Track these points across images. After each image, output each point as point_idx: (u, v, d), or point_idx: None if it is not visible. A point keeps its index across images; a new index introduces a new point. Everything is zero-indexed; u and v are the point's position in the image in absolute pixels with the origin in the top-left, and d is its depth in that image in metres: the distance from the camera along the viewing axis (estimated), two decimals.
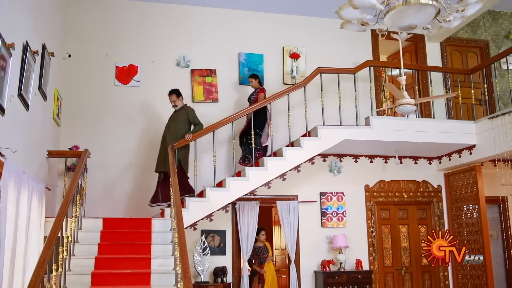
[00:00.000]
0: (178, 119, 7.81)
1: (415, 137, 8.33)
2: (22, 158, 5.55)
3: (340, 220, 8.96)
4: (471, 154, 8.67)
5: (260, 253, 8.77)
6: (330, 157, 9.15)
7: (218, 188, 7.57)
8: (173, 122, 7.84)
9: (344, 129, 8.12)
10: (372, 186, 9.30)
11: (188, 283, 4.14)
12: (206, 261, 8.02)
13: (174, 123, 7.82)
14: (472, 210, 8.85)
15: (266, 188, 8.50)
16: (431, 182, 9.58)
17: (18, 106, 5.46)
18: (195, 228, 8.18)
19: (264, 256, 8.74)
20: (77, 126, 8.28)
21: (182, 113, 7.84)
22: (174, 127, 7.76)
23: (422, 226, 9.49)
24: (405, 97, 6.84)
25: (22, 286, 5.01)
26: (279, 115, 8.29)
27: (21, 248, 5.11)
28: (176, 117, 7.86)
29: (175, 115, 7.91)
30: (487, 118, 8.40)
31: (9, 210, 4.67)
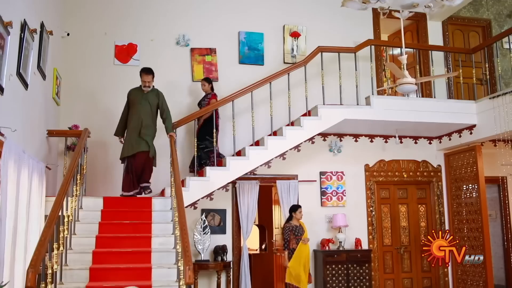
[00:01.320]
0: (151, 103, 7.30)
1: (415, 117, 8.31)
2: (22, 138, 5.54)
3: (339, 200, 9.00)
4: (472, 134, 8.67)
5: (297, 233, 7.76)
6: (330, 136, 9.14)
7: (218, 167, 7.58)
8: (145, 104, 7.25)
9: (345, 108, 8.10)
10: (372, 166, 9.31)
11: (188, 262, 4.17)
12: (206, 240, 8.07)
13: (145, 106, 7.25)
14: (471, 190, 8.88)
15: (266, 168, 8.52)
16: (431, 162, 9.58)
17: (17, 85, 5.44)
18: (195, 207, 8.22)
19: (300, 236, 7.69)
20: (76, 105, 8.25)
21: (153, 96, 7.34)
22: (146, 110, 7.24)
23: (422, 205, 9.53)
24: (406, 77, 6.81)
25: (24, 265, 5.05)
26: (279, 94, 8.25)
27: (22, 227, 5.13)
28: (148, 100, 7.30)
29: (146, 97, 7.28)
30: (488, 98, 8.37)
31: (10, 189, 4.67)
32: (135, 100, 7.26)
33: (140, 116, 7.15)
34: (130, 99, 7.35)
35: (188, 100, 8.63)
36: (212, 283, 8.22)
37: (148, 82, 7.26)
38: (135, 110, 7.21)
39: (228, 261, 8.20)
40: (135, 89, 7.39)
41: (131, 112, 7.28)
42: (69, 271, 5.41)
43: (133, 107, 7.25)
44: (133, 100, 7.28)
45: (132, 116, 7.23)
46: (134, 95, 7.32)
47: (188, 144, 8.34)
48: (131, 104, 7.31)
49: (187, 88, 8.78)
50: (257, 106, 8.14)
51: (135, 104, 7.25)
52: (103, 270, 5.47)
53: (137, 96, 7.28)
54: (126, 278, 5.29)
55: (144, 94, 7.27)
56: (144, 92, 7.28)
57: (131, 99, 7.32)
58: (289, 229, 7.70)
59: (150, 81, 7.28)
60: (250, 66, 9.00)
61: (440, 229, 9.26)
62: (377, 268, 8.96)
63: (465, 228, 9.00)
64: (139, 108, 7.20)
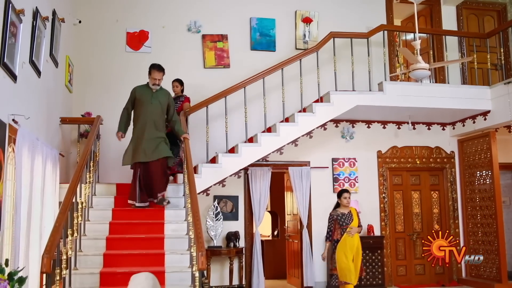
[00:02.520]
0: (161, 102, 6.65)
1: (428, 103, 8.24)
2: (35, 125, 5.58)
3: (352, 186, 8.98)
4: (486, 120, 8.58)
5: (342, 222, 6.75)
6: (342, 123, 9.10)
7: (230, 154, 7.59)
8: (156, 104, 6.59)
9: (357, 94, 8.05)
10: (385, 152, 9.27)
11: (201, 248, 4.19)
12: (218, 226, 8.12)
13: (156, 106, 6.59)
14: (485, 176, 8.81)
15: (278, 154, 8.51)
16: (444, 148, 9.51)
17: (30, 73, 5.46)
18: (208, 193, 8.26)
19: (346, 226, 6.71)
20: (89, 92, 8.28)
21: (163, 96, 6.71)
22: (158, 110, 6.59)
23: (435, 192, 9.48)
24: (420, 62, 6.75)
25: (39, 250, 5.11)
26: (291, 81, 8.21)
27: (36, 214, 5.19)
28: (159, 99, 6.64)
29: (156, 96, 6.63)
30: (503, 83, 8.27)
31: (24, 176, 4.72)
32: (144, 99, 6.56)
33: (152, 117, 6.48)
34: (136, 97, 6.62)
35: (199, 87, 8.60)
36: (224, 269, 8.28)
37: (159, 80, 6.63)
38: (145, 110, 6.51)
39: (240, 247, 8.24)
40: (141, 86, 6.74)
41: (138, 111, 6.58)
42: (83, 257, 5.47)
43: (142, 107, 6.54)
44: (141, 98, 6.57)
45: (141, 117, 6.51)
46: (141, 93, 6.60)
47: None
48: (138, 103, 6.60)
49: (199, 75, 8.75)
50: (269, 92, 8.12)
51: (143, 103, 6.54)
52: (116, 256, 5.52)
53: (146, 94, 6.59)
54: (139, 264, 5.34)
55: (153, 92, 6.62)
56: (152, 90, 6.63)
57: (138, 97, 6.60)
58: (333, 218, 6.85)
59: (161, 79, 6.66)
60: (262, 52, 8.94)
61: (453, 216, 9.25)
62: (390, 254, 8.96)
63: (478, 215, 8.94)
64: (150, 108, 6.53)
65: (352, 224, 6.72)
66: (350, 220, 6.75)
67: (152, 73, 6.62)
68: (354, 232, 6.66)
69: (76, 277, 5.18)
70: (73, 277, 5.13)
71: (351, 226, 6.69)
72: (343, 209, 6.85)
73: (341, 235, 6.68)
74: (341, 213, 6.81)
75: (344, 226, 6.72)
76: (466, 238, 9.21)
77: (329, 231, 6.82)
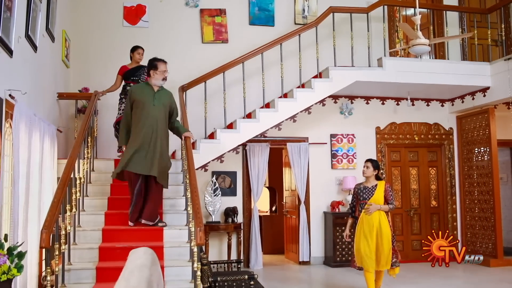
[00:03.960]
0: (164, 104, 5.71)
1: (428, 79, 8.20)
2: (33, 100, 5.55)
3: (350, 162, 8.99)
4: (485, 97, 8.55)
5: (361, 197, 5.94)
6: (341, 98, 9.07)
7: (228, 130, 7.58)
8: (159, 107, 5.63)
9: (356, 70, 8.00)
10: (383, 128, 9.26)
11: (199, 223, 4.21)
12: (217, 202, 8.16)
13: (160, 109, 5.63)
14: (483, 153, 8.82)
15: (276, 130, 8.50)
16: (443, 125, 9.51)
17: (26, 47, 5.40)
18: (206, 169, 8.28)
19: (364, 201, 5.86)
20: (86, 67, 8.22)
21: (165, 96, 5.77)
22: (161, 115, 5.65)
23: (432, 168, 9.51)
24: (420, 37, 6.69)
25: (38, 226, 5.13)
26: (290, 56, 8.14)
27: (35, 189, 5.19)
28: (161, 100, 5.69)
29: (159, 97, 5.67)
30: (503, 59, 8.22)
31: (22, 152, 4.71)
32: (145, 100, 5.58)
33: (156, 123, 5.55)
34: (136, 99, 5.61)
35: (197, 62, 8.52)
36: (223, 244, 8.35)
37: (166, 73, 5.71)
38: (147, 114, 5.54)
39: (238, 222, 8.29)
40: (140, 86, 5.90)
41: (138, 115, 5.57)
42: (82, 232, 5.50)
43: (143, 109, 5.55)
44: (142, 100, 5.58)
45: (142, 121, 5.53)
46: (141, 94, 5.62)
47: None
48: (138, 105, 5.59)
49: (197, 50, 8.67)
50: (268, 68, 8.06)
51: (145, 105, 5.56)
52: (115, 231, 5.54)
53: (147, 95, 5.61)
54: (138, 239, 5.36)
55: (155, 93, 5.66)
56: (154, 90, 5.67)
57: (138, 98, 5.60)
58: (354, 191, 6.16)
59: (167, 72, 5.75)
60: (260, 27, 8.86)
61: (451, 192, 9.29)
62: None
63: (475, 191, 8.98)
64: (153, 111, 5.56)
65: (372, 199, 5.83)
66: (370, 195, 5.87)
67: (159, 66, 5.65)
68: (372, 210, 5.74)
69: (75, 252, 5.22)
70: (72, 252, 5.16)
71: (370, 202, 5.82)
72: (367, 181, 6.00)
73: (359, 212, 5.92)
74: (364, 186, 6.00)
75: (361, 202, 5.92)
76: (463, 214, 9.27)
77: (351, 206, 6.18)
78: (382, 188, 5.86)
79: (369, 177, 5.93)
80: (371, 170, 5.91)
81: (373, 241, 5.68)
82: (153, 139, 5.49)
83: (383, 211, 5.79)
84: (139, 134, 5.49)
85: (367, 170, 5.94)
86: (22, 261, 3.98)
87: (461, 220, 9.32)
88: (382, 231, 5.71)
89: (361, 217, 5.82)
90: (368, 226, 5.73)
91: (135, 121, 5.58)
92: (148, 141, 5.47)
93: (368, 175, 5.93)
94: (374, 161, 6.05)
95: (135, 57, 7.25)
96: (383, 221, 5.75)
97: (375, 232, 5.70)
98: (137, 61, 7.24)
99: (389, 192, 5.86)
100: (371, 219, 5.74)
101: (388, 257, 5.71)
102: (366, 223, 5.76)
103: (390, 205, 5.82)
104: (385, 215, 5.80)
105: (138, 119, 5.56)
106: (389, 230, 5.75)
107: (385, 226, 5.74)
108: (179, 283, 4.90)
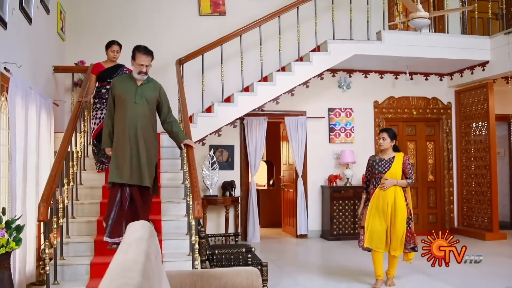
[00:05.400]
0: (148, 99, 4.90)
1: (427, 53, 8.13)
2: (28, 74, 5.49)
3: (348, 136, 8.99)
4: (484, 71, 8.50)
5: (376, 170, 5.34)
6: (339, 72, 9.02)
7: (226, 104, 7.55)
8: (142, 103, 4.84)
9: (355, 43, 7.93)
10: (381, 102, 9.23)
11: (197, 197, 4.22)
12: (214, 176, 8.17)
13: (142, 105, 4.85)
14: (481, 128, 8.82)
15: (274, 104, 8.47)
16: (441, 99, 9.48)
17: (20, 19, 5.32)
18: (204, 143, 8.27)
19: (379, 175, 5.26)
20: (82, 40, 8.11)
21: (150, 89, 4.95)
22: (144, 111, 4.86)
23: (430, 143, 9.52)
24: (419, 10, 6.63)
25: (36, 200, 5.13)
26: (288, 29, 8.06)
27: (32, 163, 5.18)
28: (145, 95, 4.88)
29: (141, 92, 4.86)
30: (503, 33, 8.14)
31: (18, 125, 4.68)
32: (126, 96, 4.82)
33: (137, 122, 4.78)
34: (117, 94, 4.86)
35: (194, 35, 8.42)
36: (220, 217, 8.40)
37: (146, 67, 4.84)
38: (127, 112, 4.78)
39: (236, 196, 8.33)
40: (121, 78, 5.08)
41: (119, 115, 4.84)
42: (80, 206, 5.53)
43: (123, 107, 4.81)
44: (123, 95, 4.82)
45: (123, 122, 4.79)
46: (122, 88, 4.85)
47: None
48: (118, 102, 4.86)
49: (194, 23, 8.57)
50: (266, 41, 7.98)
51: (125, 102, 4.81)
52: None
53: (129, 89, 4.84)
54: None
55: (137, 87, 4.86)
56: (137, 83, 4.88)
57: (118, 93, 4.85)
58: (368, 163, 5.49)
59: (149, 66, 4.88)
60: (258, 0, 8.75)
61: (448, 166, 9.32)
62: None
63: (472, 166, 9.01)
64: (134, 109, 4.80)
65: (388, 173, 5.23)
66: (386, 168, 5.27)
67: (138, 57, 4.82)
68: (388, 185, 5.16)
69: (73, 225, 5.25)
70: (70, 226, 5.19)
71: (386, 176, 5.22)
72: (384, 153, 5.39)
73: (374, 186, 5.32)
74: (379, 158, 5.38)
75: (376, 175, 5.31)
76: (460, 188, 9.32)
77: (365, 181, 5.56)
78: (400, 161, 5.26)
79: (386, 148, 5.33)
80: (388, 142, 5.30)
81: (386, 219, 5.15)
82: (136, 142, 4.75)
83: (400, 186, 5.21)
84: (121, 138, 4.77)
85: (384, 142, 5.30)
86: (20, 235, 4.00)
87: (457, 194, 9.37)
88: (397, 209, 5.14)
89: (375, 192, 5.24)
90: (382, 202, 5.18)
91: (116, 120, 4.85)
92: (132, 145, 4.75)
93: (385, 147, 5.31)
94: (390, 130, 5.40)
95: (109, 56, 6.19)
96: (399, 198, 5.17)
97: (390, 210, 5.14)
98: (112, 60, 6.20)
99: (408, 165, 5.26)
100: (385, 195, 5.17)
101: (401, 240, 5.15)
102: (381, 200, 5.19)
103: (408, 179, 5.23)
104: (402, 191, 5.21)
105: (119, 119, 4.83)
106: (405, 209, 5.16)
107: (401, 204, 5.15)
108: (177, 256, 4.94)
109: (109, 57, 6.21)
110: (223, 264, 4.90)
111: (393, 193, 5.17)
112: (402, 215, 5.13)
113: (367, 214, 5.23)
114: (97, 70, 6.19)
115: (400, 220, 5.11)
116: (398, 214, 5.12)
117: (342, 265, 6.56)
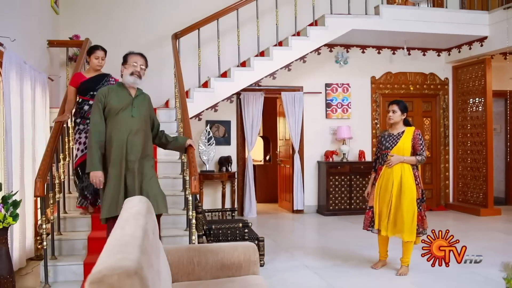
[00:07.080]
0: (146, 114, 4.16)
1: (425, 28, 8.07)
2: (22, 48, 5.42)
3: (344, 112, 8.97)
4: (482, 46, 8.46)
5: (383, 146, 4.92)
6: (337, 47, 8.96)
7: (222, 79, 7.49)
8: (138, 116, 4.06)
9: (353, 18, 7.84)
10: (379, 78, 9.19)
11: (193, 172, 4.21)
12: (211, 151, 8.17)
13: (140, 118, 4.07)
14: (478, 104, 8.82)
15: (271, 79, 8.41)
16: (439, 75, 9.45)
17: None
18: (200, 118, 8.25)
19: (386, 151, 4.86)
20: (76, 14, 8.00)
21: (143, 101, 4.18)
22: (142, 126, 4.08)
23: (427, 118, 9.51)
24: None
25: (33, 175, 5.12)
26: (285, 3, 7.96)
27: (28, 138, 5.15)
28: (139, 107, 4.11)
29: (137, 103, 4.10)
30: (502, 8, 8.07)
31: (13, 100, 4.64)
32: (120, 107, 4.02)
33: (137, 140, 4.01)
34: (109, 104, 4.01)
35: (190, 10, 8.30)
36: (217, 192, 8.42)
37: (141, 69, 4.13)
38: (124, 126, 3.99)
39: (232, 171, 8.34)
40: (113, 88, 4.15)
41: (112, 128, 4.00)
42: None
43: (118, 120, 4.00)
44: (116, 107, 4.01)
45: (118, 135, 3.98)
46: (116, 99, 4.04)
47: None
48: (111, 115, 4.01)
49: None
50: (263, 15, 7.91)
51: (120, 114, 4.01)
52: None
53: (123, 100, 4.05)
54: None
55: (133, 99, 4.09)
56: (132, 95, 4.11)
57: (114, 105, 4.01)
58: (378, 139, 5.09)
59: (144, 71, 4.17)
60: None
61: (444, 142, 9.34)
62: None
63: (468, 142, 9.03)
64: (132, 123, 4.02)
65: (395, 149, 4.80)
66: (394, 143, 4.84)
67: (129, 58, 4.15)
68: (393, 162, 4.73)
69: (70, 200, 5.25)
70: (67, 201, 5.20)
71: (392, 152, 4.80)
72: (393, 128, 4.94)
73: (381, 164, 4.92)
74: (388, 133, 4.96)
75: (383, 152, 4.89)
76: (455, 164, 9.36)
77: (375, 159, 5.08)
78: (410, 136, 4.80)
79: (396, 122, 4.88)
80: (399, 115, 4.84)
81: (390, 199, 4.74)
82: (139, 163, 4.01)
83: (408, 163, 4.75)
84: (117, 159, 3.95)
85: (394, 115, 4.84)
86: (17, 210, 4.00)
87: (453, 170, 9.41)
88: (404, 188, 4.70)
89: (382, 170, 4.84)
90: (388, 181, 4.78)
91: (109, 139, 3.99)
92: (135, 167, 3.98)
93: (396, 121, 4.85)
94: (401, 102, 4.91)
95: (93, 63, 5.12)
96: (406, 176, 4.72)
97: (396, 190, 4.73)
98: (96, 68, 5.14)
99: (419, 141, 4.78)
100: (391, 173, 4.76)
101: (411, 224, 4.68)
102: (386, 178, 4.80)
103: (418, 156, 4.76)
104: (411, 169, 4.76)
105: (113, 137, 3.97)
106: (413, 188, 4.73)
107: (408, 183, 4.72)
108: (174, 231, 4.96)
109: (92, 65, 5.12)
110: (220, 239, 4.94)
111: (400, 171, 4.73)
112: (410, 195, 4.69)
113: (375, 194, 4.89)
114: (77, 81, 5.05)
115: (407, 202, 4.68)
116: (405, 194, 4.69)
117: (338, 240, 6.61)
